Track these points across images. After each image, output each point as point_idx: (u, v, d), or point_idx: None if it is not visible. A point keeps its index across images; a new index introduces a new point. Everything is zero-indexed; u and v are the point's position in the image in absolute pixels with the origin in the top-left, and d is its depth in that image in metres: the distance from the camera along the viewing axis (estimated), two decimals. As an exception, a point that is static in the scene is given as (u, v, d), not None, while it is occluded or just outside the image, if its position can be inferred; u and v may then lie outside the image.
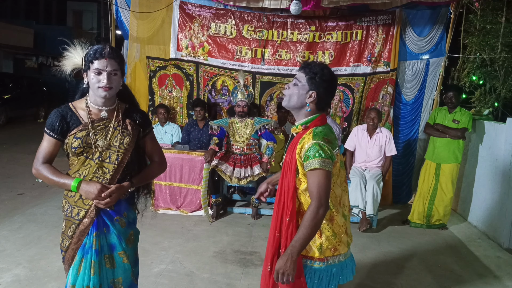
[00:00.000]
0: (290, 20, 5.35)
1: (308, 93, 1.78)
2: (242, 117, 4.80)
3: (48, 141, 1.80)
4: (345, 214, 1.84)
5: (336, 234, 1.78)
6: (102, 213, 1.83)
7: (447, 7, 5.14)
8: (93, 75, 1.76)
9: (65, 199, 1.86)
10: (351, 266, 1.88)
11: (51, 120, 1.78)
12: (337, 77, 1.86)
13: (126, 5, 5.43)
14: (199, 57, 5.51)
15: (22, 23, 20.04)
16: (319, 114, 1.81)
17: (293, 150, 1.77)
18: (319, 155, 1.66)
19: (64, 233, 1.85)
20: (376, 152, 4.73)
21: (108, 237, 1.85)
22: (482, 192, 4.76)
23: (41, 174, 1.78)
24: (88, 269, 1.79)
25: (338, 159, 1.78)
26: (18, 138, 9.71)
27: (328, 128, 1.80)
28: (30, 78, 14.60)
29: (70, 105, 1.84)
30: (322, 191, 1.66)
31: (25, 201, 4.92)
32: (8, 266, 3.25)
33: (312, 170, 1.67)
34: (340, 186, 1.83)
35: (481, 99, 5.71)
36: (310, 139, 1.71)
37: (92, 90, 1.81)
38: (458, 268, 3.70)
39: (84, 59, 1.80)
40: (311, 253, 1.77)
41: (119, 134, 1.84)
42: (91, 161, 1.80)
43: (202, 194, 4.63)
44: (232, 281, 3.23)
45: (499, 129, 4.50)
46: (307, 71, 1.80)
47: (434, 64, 5.33)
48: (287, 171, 1.79)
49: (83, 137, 1.77)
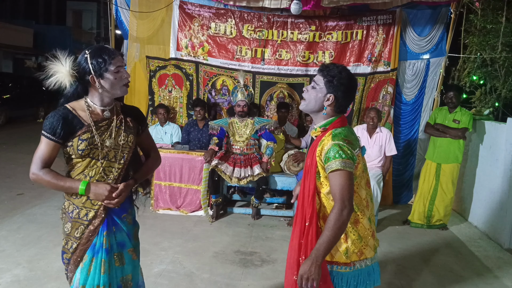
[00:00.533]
0: (290, 19, 5.34)
1: (326, 96, 1.75)
2: (242, 117, 4.79)
3: (47, 144, 1.73)
4: (371, 217, 1.79)
5: (362, 238, 1.73)
6: (111, 212, 1.85)
7: (447, 7, 5.13)
8: (114, 75, 1.76)
9: (69, 201, 1.82)
10: (378, 270, 1.83)
11: (51, 123, 1.71)
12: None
13: (126, 5, 5.42)
14: (199, 57, 5.50)
15: (21, 23, 20.05)
16: (338, 116, 1.78)
17: (313, 153, 1.73)
18: (339, 155, 1.62)
19: (69, 235, 1.82)
20: (376, 152, 4.72)
21: (117, 235, 1.87)
22: (483, 192, 4.75)
23: (42, 179, 1.73)
24: (98, 268, 1.80)
25: (360, 160, 1.73)
26: (17, 138, 9.70)
27: (349, 129, 1.75)
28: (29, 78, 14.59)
29: (68, 107, 1.77)
30: (345, 192, 1.61)
31: (25, 201, 4.91)
32: (8, 266, 3.24)
33: (334, 172, 1.63)
34: (365, 188, 1.77)
35: (481, 99, 5.70)
36: (330, 140, 1.67)
37: (111, 90, 1.78)
38: (459, 268, 3.69)
39: (93, 65, 1.73)
40: (337, 258, 1.72)
41: (123, 132, 1.85)
42: (97, 162, 1.79)
43: (202, 194, 4.63)
44: (232, 281, 3.22)
45: (500, 129, 4.50)
46: (325, 73, 1.76)
47: (435, 64, 5.32)
48: (307, 174, 1.75)
49: (89, 138, 1.75)
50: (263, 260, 3.65)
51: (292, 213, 4.78)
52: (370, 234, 1.76)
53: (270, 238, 4.20)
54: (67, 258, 1.85)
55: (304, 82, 5.50)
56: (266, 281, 3.26)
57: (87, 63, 1.74)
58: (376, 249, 1.81)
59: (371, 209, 1.80)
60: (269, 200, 5.22)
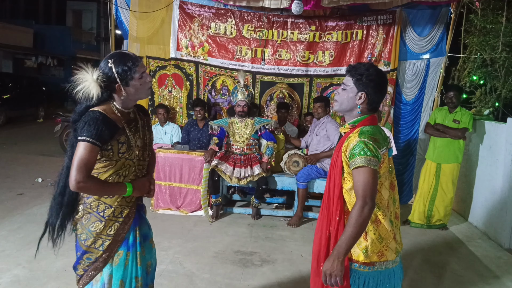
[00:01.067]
0: (290, 19, 5.35)
1: (357, 95, 1.76)
2: (242, 117, 4.79)
3: (92, 151, 1.68)
4: (392, 220, 1.77)
5: (383, 238, 1.72)
6: (138, 208, 1.96)
7: (447, 7, 5.13)
8: (138, 81, 1.81)
9: (99, 201, 1.82)
10: (400, 274, 1.81)
11: (95, 128, 1.68)
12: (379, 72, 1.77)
13: (126, 5, 5.42)
14: (199, 57, 5.50)
15: (21, 23, 20.03)
16: (368, 115, 1.79)
17: (340, 148, 1.75)
18: (364, 153, 1.63)
19: (100, 234, 1.82)
20: (376, 152, 4.71)
21: (142, 228, 1.97)
22: (483, 192, 4.75)
23: (91, 187, 1.70)
24: (135, 261, 1.89)
25: (385, 160, 1.73)
26: (17, 138, 9.71)
27: (377, 128, 1.76)
28: (29, 78, 14.60)
29: (101, 111, 1.75)
30: (367, 189, 1.61)
31: (25, 201, 4.91)
32: (8, 266, 3.24)
33: (358, 168, 1.63)
34: (389, 189, 1.76)
35: (481, 99, 5.70)
36: (356, 137, 1.68)
37: (136, 95, 1.84)
38: (459, 268, 3.69)
39: (119, 74, 1.76)
40: (355, 256, 1.72)
41: (147, 131, 1.97)
42: (130, 161, 1.86)
43: (202, 194, 4.63)
44: (232, 281, 3.22)
45: (500, 129, 4.50)
46: (352, 73, 1.78)
47: (435, 64, 5.32)
48: (333, 169, 1.77)
49: (126, 141, 1.82)
50: (263, 260, 3.65)
51: (292, 213, 4.78)
52: (391, 236, 1.75)
53: (270, 238, 4.20)
54: (93, 258, 1.83)
55: (304, 82, 5.50)
56: (266, 281, 3.26)
57: (112, 72, 1.76)
58: (399, 252, 1.80)
59: (393, 211, 1.79)
60: (269, 200, 5.22)
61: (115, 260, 1.85)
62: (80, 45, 22.15)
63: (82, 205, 1.84)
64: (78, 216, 1.85)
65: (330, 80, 5.48)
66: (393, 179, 1.81)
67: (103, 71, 1.76)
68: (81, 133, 1.68)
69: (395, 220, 1.80)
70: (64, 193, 1.82)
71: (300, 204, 4.63)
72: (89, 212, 1.83)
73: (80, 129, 1.70)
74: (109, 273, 1.85)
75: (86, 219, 1.83)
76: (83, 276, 1.86)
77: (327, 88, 5.50)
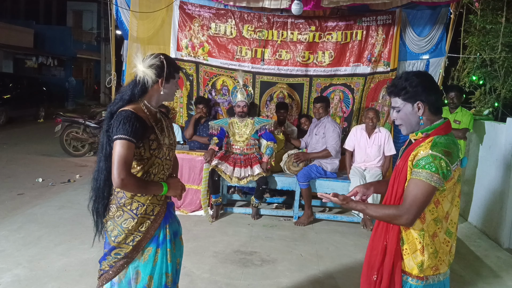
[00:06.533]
0: (290, 20, 5.36)
1: (414, 108, 1.67)
2: (242, 117, 4.80)
3: (129, 147, 1.75)
4: (451, 231, 1.70)
5: (438, 252, 1.68)
6: (168, 206, 2.02)
7: (447, 7, 5.14)
8: (175, 84, 1.95)
9: (132, 199, 1.88)
10: (448, 285, 1.80)
11: (131, 126, 1.75)
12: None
13: (126, 5, 5.43)
14: (199, 57, 5.51)
15: (22, 23, 20.08)
16: (443, 120, 1.68)
17: (407, 157, 1.66)
18: (429, 167, 1.54)
19: (132, 230, 1.87)
20: (375, 151, 4.73)
21: (172, 225, 2.04)
22: (482, 192, 4.76)
23: (132, 183, 1.76)
24: (165, 257, 1.94)
25: (456, 173, 1.63)
26: (18, 138, 9.72)
27: (452, 139, 1.63)
28: (30, 78, 14.61)
29: (132, 110, 1.81)
30: (414, 205, 1.56)
31: (25, 201, 4.92)
32: (8, 266, 3.25)
33: (416, 179, 1.57)
34: (451, 201, 1.67)
35: (481, 99, 5.71)
36: (427, 149, 1.58)
37: (167, 96, 1.95)
38: (459, 268, 3.69)
39: (167, 71, 1.88)
40: (409, 269, 1.67)
41: (171, 130, 2.03)
42: (159, 160, 1.91)
43: (202, 194, 4.63)
44: (232, 281, 3.23)
45: (499, 129, 4.50)
46: (396, 92, 1.70)
47: (434, 64, 5.33)
48: (397, 177, 1.70)
49: (156, 139, 1.87)
50: (263, 260, 3.65)
51: (292, 213, 4.79)
52: (447, 250, 1.71)
53: (270, 238, 4.20)
54: (122, 253, 1.87)
55: (304, 82, 5.51)
56: (266, 281, 3.27)
57: (163, 66, 1.87)
58: (450, 264, 1.78)
59: (454, 222, 1.72)
60: (269, 200, 5.22)
61: (144, 256, 1.91)
62: (80, 45, 22.17)
63: (114, 205, 1.90)
64: (111, 214, 1.90)
65: (330, 80, 5.48)
66: (459, 186, 1.72)
67: (153, 63, 1.85)
68: (117, 132, 1.75)
69: (454, 231, 1.73)
70: (104, 186, 1.90)
71: (307, 203, 4.64)
72: (123, 210, 1.89)
73: (115, 128, 1.76)
74: (137, 269, 1.90)
75: (118, 217, 1.89)
76: (107, 271, 1.89)
77: (327, 88, 5.51)
